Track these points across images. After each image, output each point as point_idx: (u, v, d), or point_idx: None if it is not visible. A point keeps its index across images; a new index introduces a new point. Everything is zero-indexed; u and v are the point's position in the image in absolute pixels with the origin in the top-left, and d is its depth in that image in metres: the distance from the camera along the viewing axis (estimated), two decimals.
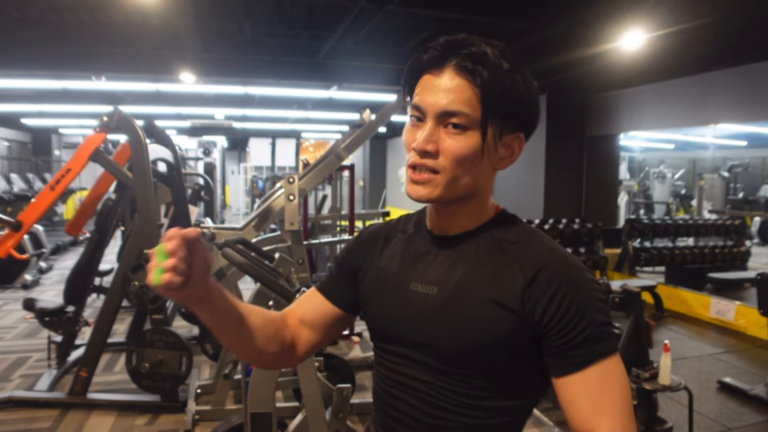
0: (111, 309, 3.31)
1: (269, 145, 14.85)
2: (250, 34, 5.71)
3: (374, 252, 0.93)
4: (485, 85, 0.74)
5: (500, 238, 0.82)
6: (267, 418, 1.88)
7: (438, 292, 0.81)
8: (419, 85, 0.78)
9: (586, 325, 0.73)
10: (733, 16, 4.13)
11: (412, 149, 0.77)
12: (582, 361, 0.73)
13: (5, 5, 4.86)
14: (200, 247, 0.71)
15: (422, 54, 0.78)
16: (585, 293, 0.75)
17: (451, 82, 0.75)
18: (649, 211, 12.33)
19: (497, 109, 0.75)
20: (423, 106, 0.77)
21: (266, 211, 2.94)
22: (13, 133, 12.53)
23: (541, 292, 0.75)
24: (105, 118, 3.13)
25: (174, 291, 0.69)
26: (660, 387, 2.45)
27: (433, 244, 0.86)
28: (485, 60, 0.74)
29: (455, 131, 0.75)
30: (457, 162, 0.76)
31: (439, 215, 0.85)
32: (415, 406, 0.82)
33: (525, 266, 0.77)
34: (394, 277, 0.87)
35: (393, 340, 0.86)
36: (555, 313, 0.73)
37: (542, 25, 4.90)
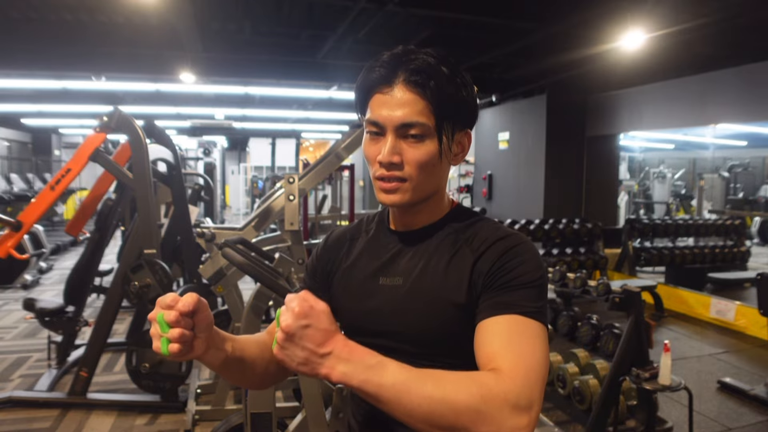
0: (111, 309, 3.31)
1: (269, 145, 14.86)
2: (250, 34, 5.70)
3: (341, 254, 0.98)
4: (434, 95, 0.80)
5: (456, 229, 0.89)
6: (267, 418, 1.88)
7: (403, 282, 0.87)
8: (372, 101, 0.84)
9: (513, 277, 0.79)
10: (733, 16, 4.13)
11: (377, 162, 0.83)
12: (502, 308, 0.76)
13: (5, 5, 4.86)
14: (201, 307, 0.73)
15: (370, 73, 0.83)
16: (524, 256, 0.81)
17: (403, 96, 0.80)
18: (649, 211, 12.34)
19: (447, 114, 0.82)
20: (381, 121, 0.82)
21: (266, 211, 2.94)
22: (13, 133, 12.53)
23: (487, 259, 0.82)
24: (105, 118, 3.13)
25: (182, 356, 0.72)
26: (660, 387, 2.45)
27: (397, 241, 0.93)
28: (430, 71, 0.80)
29: (414, 141, 0.82)
30: (420, 168, 0.82)
31: (404, 215, 0.91)
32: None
33: (474, 247, 0.85)
34: (362, 275, 0.93)
35: (366, 333, 0.89)
36: (495, 270, 0.80)
37: (542, 25, 4.89)
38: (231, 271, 2.69)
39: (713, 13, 4.07)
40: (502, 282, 0.79)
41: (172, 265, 4.05)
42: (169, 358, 0.71)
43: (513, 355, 0.70)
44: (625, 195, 11.33)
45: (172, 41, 5.39)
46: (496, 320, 0.76)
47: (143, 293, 3.07)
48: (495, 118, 8.10)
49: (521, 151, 7.38)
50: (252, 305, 2.11)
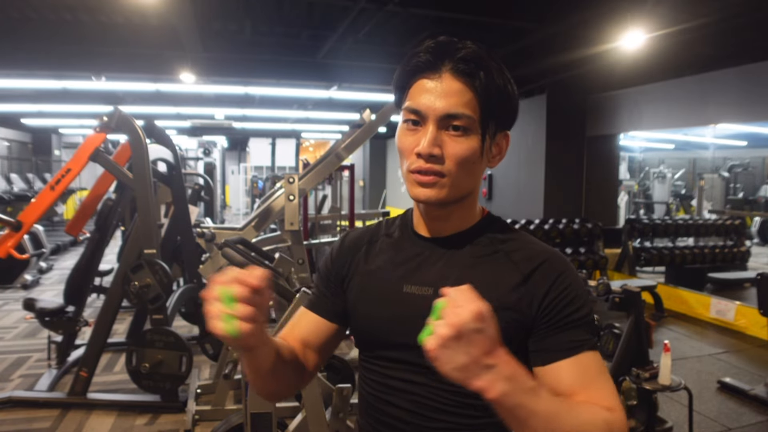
0: (111, 309, 3.31)
1: (269, 145, 14.86)
2: (250, 34, 5.70)
3: (359, 257, 0.92)
4: (483, 87, 0.75)
5: (492, 239, 0.84)
6: (267, 418, 1.88)
7: (434, 292, 0.79)
8: (414, 88, 0.78)
9: (579, 310, 0.77)
10: (734, 16, 4.13)
11: (415, 154, 0.77)
12: (575, 347, 0.75)
13: (5, 5, 4.86)
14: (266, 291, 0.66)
15: (415, 58, 0.78)
16: (578, 284, 0.79)
17: (450, 84, 0.75)
18: (649, 211, 12.33)
19: (493, 109, 0.77)
20: (422, 110, 0.76)
21: (266, 211, 2.94)
22: (13, 133, 12.53)
23: (537, 286, 0.78)
24: (105, 118, 3.13)
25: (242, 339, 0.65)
26: (660, 387, 2.45)
27: (424, 247, 0.86)
28: (482, 63, 0.76)
29: (457, 134, 0.76)
30: (461, 164, 0.77)
31: (433, 218, 0.85)
32: (409, 410, 0.81)
33: (520, 264, 0.80)
34: (384, 281, 0.86)
35: (386, 344, 0.84)
36: (550, 302, 0.77)
37: (542, 25, 4.90)
38: None
39: (713, 13, 4.07)
40: (569, 317, 0.77)
41: (172, 265, 4.05)
42: (233, 341, 0.64)
43: (609, 393, 0.74)
44: (625, 195, 11.32)
45: (172, 41, 5.39)
46: (571, 363, 0.75)
47: (143, 293, 3.08)
48: None
49: (521, 151, 7.38)
50: None
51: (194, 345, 3.71)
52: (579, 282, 0.80)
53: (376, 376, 0.86)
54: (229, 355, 3.02)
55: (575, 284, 0.79)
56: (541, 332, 0.77)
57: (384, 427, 0.85)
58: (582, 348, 0.75)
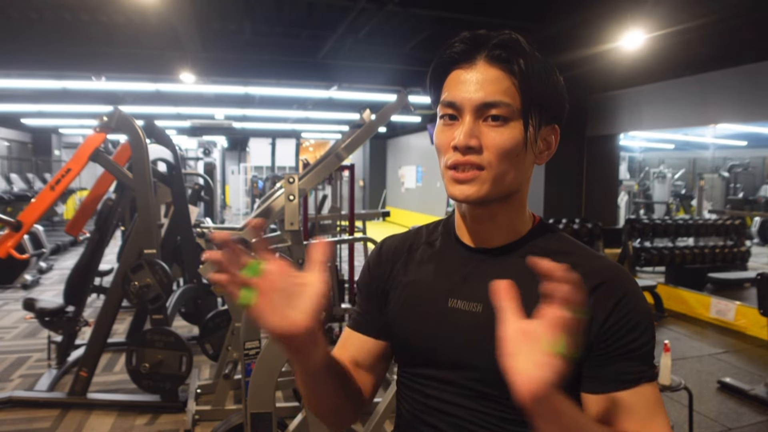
0: (111, 309, 3.31)
1: (269, 145, 14.86)
2: (250, 34, 5.71)
3: (398, 267, 0.85)
4: (523, 73, 0.70)
5: (546, 250, 0.76)
6: (267, 418, 1.88)
7: (483, 309, 0.74)
8: (448, 81, 0.73)
9: (641, 342, 0.70)
10: (733, 16, 4.14)
11: (452, 148, 0.71)
12: (635, 378, 0.69)
13: (5, 5, 4.86)
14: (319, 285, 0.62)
15: (449, 49, 0.73)
16: (643, 310, 0.72)
17: (486, 73, 0.70)
18: (649, 211, 12.33)
19: (535, 96, 0.71)
20: (458, 101, 0.71)
21: (266, 211, 2.94)
22: (13, 133, 12.53)
23: (600, 306, 0.70)
24: (105, 118, 3.13)
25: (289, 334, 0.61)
26: (660, 387, 2.45)
27: (470, 258, 0.79)
28: (519, 48, 0.71)
29: (496, 123, 0.70)
30: (502, 156, 0.70)
31: (476, 221, 0.78)
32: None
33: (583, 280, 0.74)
34: (427, 294, 0.80)
35: (428, 361, 0.79)
36: (612, 325, 0.70)
37: (542, 25, 4.90)
38: None
39: (713, 13, 4.07)
40: (631, 346, 0.69)
41: (172, 265, 4.05)
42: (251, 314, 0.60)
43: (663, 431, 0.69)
44: (625, 195, 11.32)
45: (172, 41, 5.40)
46: (631, 394, 0.69)
47: (143, 293, 3.07)
48: None
49: None
50: None
51: (194, 345, 3.71)
52: (644, 305, 0.73)
53: (417, 395, 0.81)
54: (229, 355, 3.02)
55: (640, 307, 0.72)
56: (600, 358, 0.70)
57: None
58: (641, 380, 0.69)
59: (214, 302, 4.19)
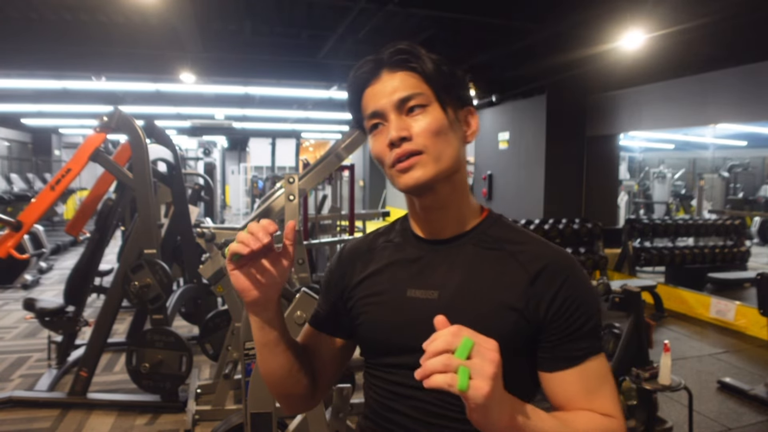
0: (111, 309, 3.31)
1: (269, 145, 14.86)
2: (250, 34, 5.70)
3: (357, 266, 0.91)
4: (424, 66, 0.79)
5: (495, 238, 0.83)
6: (267, 418, 1.88)
7: (439, 296, 0.80)
8: (364, 99, 0.82)
9: (586, 320, 0.77)
10: (733, 15, 4.13)
11: (388, 147, 0.78)
12: (581, 356, 0.76)
13: (5, 5, 4.86)
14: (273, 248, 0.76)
15: (357, 72, 0.82)
16: (586, 289, 0.79)
17: (393, 78, 0.79)
18: (649, 211, 12.33)
19: (441, 83, 0.79)
20: (379, 108, 0.79)
21: (266, 211, 2.94)
22: (13, 133, 12.53)
23: (545, 288, 0.77)
24: (105, 118, 3.13)
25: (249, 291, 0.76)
26: (660, 387, 2.45)
27: (424, 249, 0.85)
28: (413, 50, 0.80)
29: (418, 112, 0.78)
30: (433, 136, 0.77)
31: (429, 214, 0.84)
32: (414, 416, 0.80)
33: (527, 264, 0.79)
34: (387, 286, 0.85)
35: (390, 350, 0.83)
36: (559, 307, 0.76)
37: (542, 25, 4.90)
38: None
39: (713, 13, 4.07)
40: (576, 325, 0.77)
41: (172, 265, 4.05)
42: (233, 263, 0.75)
43: (610, 401, 0.77)
44: (625, 195, 11.32)
45: (172, 41, 5.39)
46: (578, 372, 0.77)
47: (143, 293, 3.07)
48: (495, 118, 8.10)
49: (521, 151, 7.38)
50: None
51: (194, 345, 3.71)
52: (587, 285, 0.80)
53: (381, 382, 0.86)
54: (229, 355, 3.02)
55: (584, 288, 0.79)
56: (551, 339, 0.77)
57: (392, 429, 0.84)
58: (587, 356, 0.77)
59: (214, 302, 4.19)
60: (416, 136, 0.77)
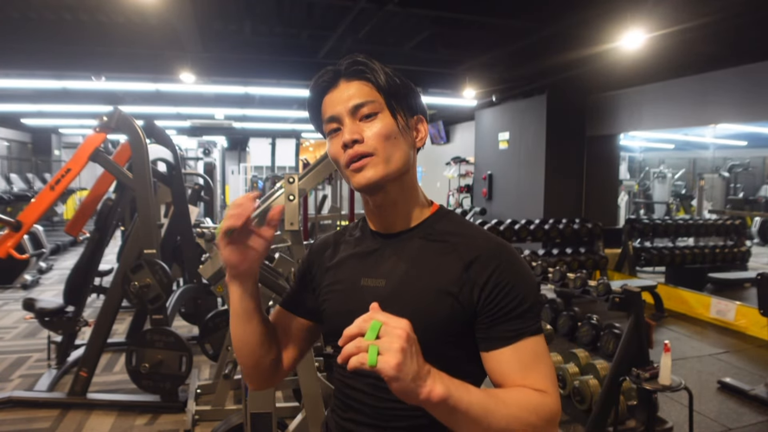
0: (111, 309, 3.31)
1: (269, 145, 14.86)
2: (250, 34, 5.70)
3: (324, 257, 1.00)
4: (375, 78, 0.87)
5: (441, 231, 0.91)
6: (267, 418, 1.88)
7: (386, 284, 0.88)
8: (324, 105, 0.90)
9: (518, 303, 0.83)
10: (734, 15, 4.13)
11: (342, 148, 0.86)
12: (514, 336, 0.82)
13: (5, 5, 4.86)
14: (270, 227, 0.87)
15: (317, 81, 0.91)
16: (518, 274, 0.85)
17: (349, 87, 0.87)
18: (649, 211, 12.33)
19: (392, 94, 0.87)
20: (336, 113, 0.87)
21: (266, 211, 2.93)
22: (13, 133, 12.53)
23: (477, 274, 0.84)
24: (105, 118, 3.13)
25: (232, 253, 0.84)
26: (660, 387, 2.45)
27: (378, 243, 0.94)
28: (367, 63, 0.88)
29: (370, 119, 0.86)
30: (383, 139, 0.85)
31: (382, 212, 0.92)
32: (368, 393, 0.88)
33: (463, 254, 0.86)
34: (346, 276, 0.94)
35: None
36: (491, 291, 0.83)
37: (542, 25, 4.89)
38: None
39: (713, 13, 4.07)
40: (508, 308, 0.83)
41: (172, 265, 4.05)
42: (227, 238, 0.82)
43: (544, 377, 0.82)
44: (625, 195, 11.32)
45: (172, 41, 5.39)
46: (511, 350, 0.82)
47: (143, 293, 3.07)
48: (495, 118, 8.10)
49: (521, 151, 7.38)
50: None
51: (194, 345, 3.71)
52: (519, 270, 0.85)
53: (342, 368, 0.90)
54: (229, 355, 3.02)
55: (516, 273, 0.84)
56: (485, 321, 0.83)
57: (348, 409, 0.92)
58: (522, 336, 0.82)
59: (214, 302, 4.19)
60: (368, 139, 0.85)
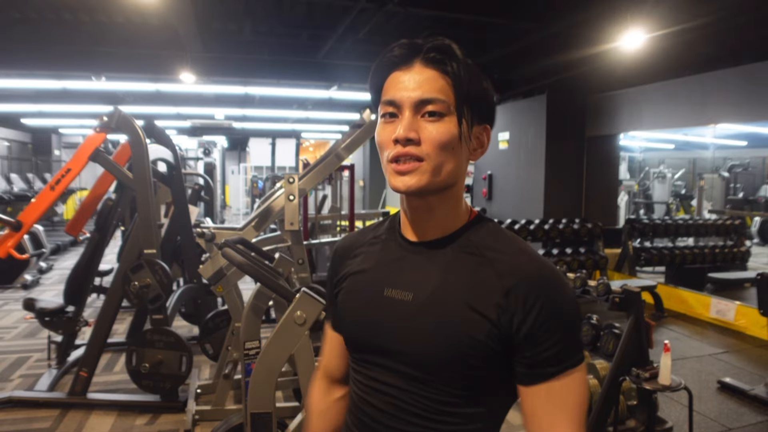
0: (111, 309, 3.31)
1: (269, 145, 14.87)
2: (250, 34, 5.71)
3: (346, 261, 0.93)
4: (455, 73, 0.76)
5: (477, 243, 0.81)
6: (267, 418, 1.88)
7: (413, 298, 0.80)
8: (387, 83, 0.79)
9: (558, 340, 0.74)
10: (734, 15, 4.13)
11: (393, 141, 0.77)
12: (551, 373, 0.75)
13: (5, 5, 4.86)
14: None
15: (389, 53, 0.79)
16: (561, 308, 0.75)
17: (422, 73, 0.77)
18: (649, 211, 12.33)
19: (467, 97, 0.78)
20: (398, 99, 0.77)
21: (266, 211, 2.94)
22: (13, 133, 12.53)
23: (518, 303, 0.74)
24: (105, 118, 3.13)
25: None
26: (660, 387, 2.45)
27: (407, 250, 0.85)
28: (452, 52, 0.77)
29: (433, 119, 0.76)
30: (439, 148, 0.76)
31: (415, 213, 0.83)
32: (387, 412, 0.82)
33: (502, 274, 0.76)
34: (368, 284, 0.86)
35: (367, 346, 0.85)
36: (531, 327, 0.74)
37: (542, 25, 4.90)
38: (231, 271, 2.69)
39: (713, 13, 4.07)
40: (551, 351, 0.74)
41: (172, 265, 4.05)
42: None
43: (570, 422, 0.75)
44: (625, 195, 11.32)
45: (172, 41, 5.40)
46: (545, 388, 0.75)
47: (143, 293, 3.07)
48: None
49: (521, 151, 7.38)
50: (252, 305, 2.10)
51: (194, 345, 3.71)
52: (566, 304, 0.76)
53: (361, 377, 0.87)
54: (229, 355, 3.02)
55: (561, 310, 0.75)
56: (522, 357, 0.75)
57: (364, 427, 0.86)
58: (559, 373, 0.75)
59: (214, 302, 4.19)
60: (423, 142, 0.76)
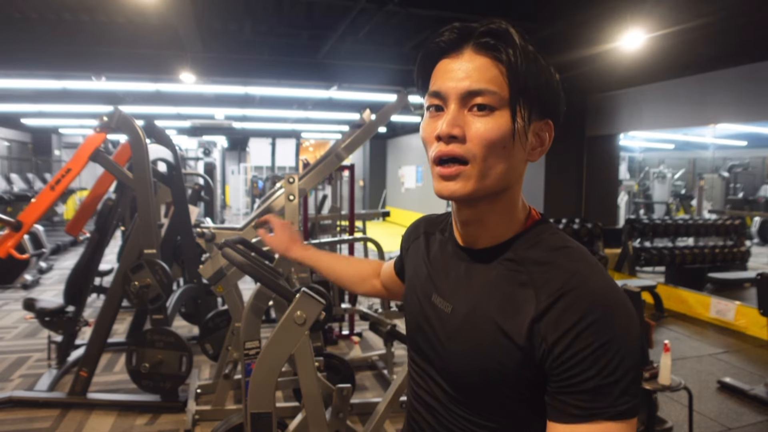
0: (111, 309, 3.31)
1: (269, 145, 14.88)
2: (250, 34, 5.71)
3: (413, 246, 0.93)
4: (510, 61, 0.66)
5: (526, 258, 0.70)
6: (267, 418, 1.88)
7: (452, 311, 0.75)
8: (435, 71, 0.71)
9: (595, 374, 0.60)
10: (734, 15, 4.14)
11: (435, 138, 0.68)
12: (577, 414, 0.61)
13: (6, 5, 4.87)
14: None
15: (437, 38, 0.70)
16: (604, 336, 0.61)
17: (473, 61, 0.67)
18: (649, 211, 12.33)
19: (525, 88, 0.67)
20: (443, 90, 0.68)
21: (266, 211, 2.94)
22: (13, 133, 12.53)
23: (551, 327, 0.63)
24: (105, 118, 3.13)
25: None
26: (660, 387, 2.45)
27: (455, 255, 0.79)
28: (508, 37, 0.67)
29: (482, 113, 0.66)
30: (487, 147, 0.66)
31: (464, 222, 0.75)
32: (430, 423, 0.80)
33: (540, 293, 0.65)
34: (422, 283, 0.84)
35: (416, 349, 0.84)
36: (561, 353, 0.62)
37: (542, 25, 4.90)
38: (231, 271, 2.69)
39: (713, 13, 4.07)
40: (579, 379, 0.61)
41: (172, 265, 4.05)
42: None
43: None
44: (625, 195, 11.32)
45: (172, 41, 5.40)
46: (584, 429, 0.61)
47: (143, 293, 3.07)
48: None
49: None
50: (252, 305, 2.10)
51: (194, 345, 3.71)
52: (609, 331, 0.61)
53: (413, 382, 0.86)
54: (229, 355, 3.02)
55: (603, 334, 0.61)
56: (552, 386, 0.64)
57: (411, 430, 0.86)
58: (592, 418, 0.60)
59: (214, 302, 4.19)
60: (469, 140, 0.66)
